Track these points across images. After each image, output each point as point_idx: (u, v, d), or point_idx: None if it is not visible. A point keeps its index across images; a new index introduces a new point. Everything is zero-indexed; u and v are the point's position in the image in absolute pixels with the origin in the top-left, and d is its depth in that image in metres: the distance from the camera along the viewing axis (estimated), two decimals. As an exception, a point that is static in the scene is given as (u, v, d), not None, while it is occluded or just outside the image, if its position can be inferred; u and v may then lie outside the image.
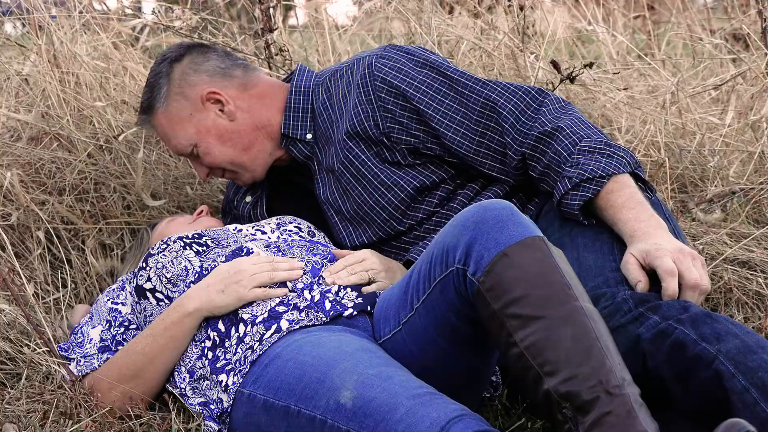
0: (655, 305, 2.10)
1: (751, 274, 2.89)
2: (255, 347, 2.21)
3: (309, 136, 2.68)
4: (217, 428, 2.22)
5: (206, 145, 2.68)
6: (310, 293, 2.32)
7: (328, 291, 2.33)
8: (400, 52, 2.62)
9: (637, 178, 2.38)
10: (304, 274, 2.38)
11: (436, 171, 2.58)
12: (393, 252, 2.63)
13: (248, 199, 2.84)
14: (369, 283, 2.40)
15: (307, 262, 2.42)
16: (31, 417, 2.37)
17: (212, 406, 2.25)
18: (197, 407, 2.28)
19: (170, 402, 2.36)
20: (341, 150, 2.60)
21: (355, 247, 2.63)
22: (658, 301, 2.11)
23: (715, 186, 3.22)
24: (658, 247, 2.17)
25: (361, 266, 2.41)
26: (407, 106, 2.55)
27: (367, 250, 2.49)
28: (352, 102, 2.60)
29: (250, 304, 2.31)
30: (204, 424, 2.24)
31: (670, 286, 2.13)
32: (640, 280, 2.17)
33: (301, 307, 2.28)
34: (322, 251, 2.49)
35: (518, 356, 1.93)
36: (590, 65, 3.11)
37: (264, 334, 2.23)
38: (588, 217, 2.37)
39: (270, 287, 2.33)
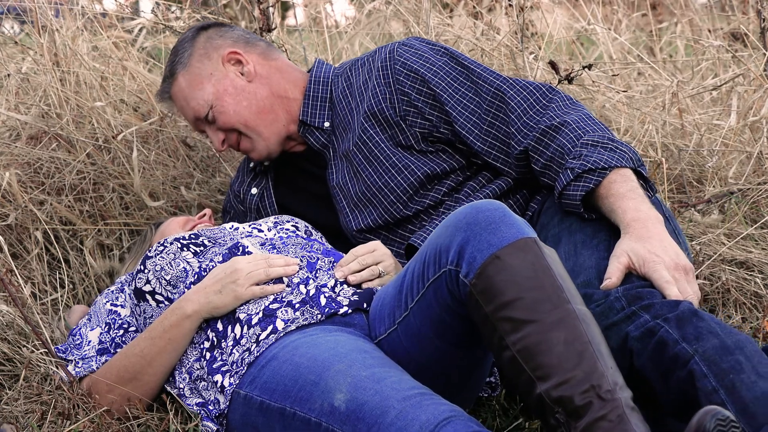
0: (648, 304, 2.10)
1: (749, 275, 2.89)
2: (252, 349, 2.21)
3: (326, 124, 2.72)
4: (215, 428, 2.23)
5: (221, 104, 2.72)
6: (305, 287, 2.33)
7: (324, 286, 2.33)
8: (422, 42, 2.68)
9: (639, 176, 2.38)
10: (300, 269, 2.38)
11: (448, 160, 2.61)
12: (397, 240, 2.64)
13: (254, 191, 2.87)
14: (378, 277, 2.40)
15: (302, 257, 2.42)
16: (29, 418, 2.37)
17: (210, 407, 2.25)
18: (195, 408, 2.28)
19: (168, 403, 2.36)
20: (357, 131, 2.64)
21: (359, 231, 2.66)
22: (651, 300, 2.11)
23: (713, 186, 3.22)
24: (655, 259, 2.17)
25: (372, 257, 2.41)
26: (423, 90, 2.60)
27: (376, 241, 2.49)
28: (372, 85, 2.65)
29: (246, 302, 2.31)
30: (202, 425, 2.24)
31: (672, 295, 2.13)
32: (611, 279, 2.17)
33: (296, 305, 2.28)
34: (318, 248, 2.49)
35: (510, 359, 1.93)
36: (589, 67, 3.11)
37: (260, 335, 2.23)
38: (588, 211, 2.38)
39: (267, 284, 2.34)
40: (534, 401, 1.90)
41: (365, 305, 2.30)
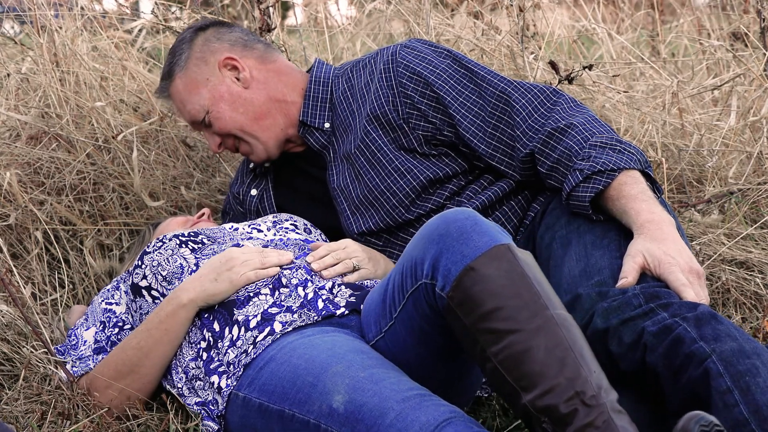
0: (666, 303, 2.10)
1: (749, 275, 2.89)
2: (249, 350, 2.21)
3: (327, 125, 2.72)
4: (216, 428, 2.23)
5: (218, 110, 2.71)
6: (303, 290, 2.33)
7: (322, 288, 2.33)
8: (424, 45, 2.68)
9: (647, 178, 2.39)
10: (299, 268, 2.37)
11: (450, 164, 2.61)
12: (399, 244, 2.65)
13: (253, 192, 2.87)
14: (353, 271, 2.40)
15: (304, 266, 2.42)
16: (29, 418, 2.37)
17: (211, 407, 2.25)
18: (195, 407, 2.28)
19: (168, 402, 2.36)
20: (360, 134, 2.64)
21: (360, 234, 2.66)
22: (669, 299, 2.12)
23: (713, 186, 3.21)
24: (671, 261, 2.17)
25: (345, 252, 2.42)
26: (427, 92, 2.60)
27: (347, 239, 2.51)
28: (374, 88, 2.64)
29: (244, 304, 2.31)
30: (203, 424, 2.24)
31: (689, 297, 2.13)
32: (627, 278, 2.17)
33: (294, 309, 2.28)
34: (317, 252, 2.49)
35: (493, 370, 1.92)
36: (589, 67, 3.11)
37: (257, 337, 2.23)
38: (596, 212, 2.37)
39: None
40: (520, 411, 1.90)
41: (362, 306, 2.30)
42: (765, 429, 1.91)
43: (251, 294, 2.33)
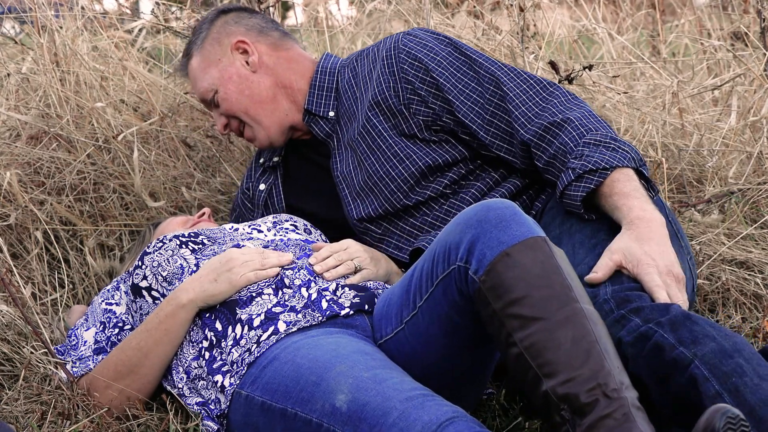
0: (637, 307, 2.10)
1: (749, 275, 2.89)
2: (252, 349, 2.21)
3: (331, 113, 2.75)
4: (216, 428, 2.23)
5: (225, 91, 2.77)
6: (307, 291, 2.33)
7: (326, 289, 2.33)
8: (426, 33, 2.71)
9: (641, 176, 2.38)
10: (301, 269, 2.38)
11: (450, 151, 2.62)
12: (397, 233, 2.65)
13: (262, 187, 2.89)
14: (355, 272, 2.41)
15: (305, 267, 2.42)
16: (29, 418, 2.37)
17: (212, 406, 2.25)
18: (195, 407, 2.28)
19: (168, 402, 2.36)
20: (362, 120, 2.66)
21: (359, 220, 2.67)
22: (639, 303, 2.11)
23: (713, 186, 3.22)
24: (649, 262, 2.17)
25: (346, 254, 2.43)
26: (426, 79, 2.62)
27: (349, 239, 2.51)
28: (376, 74, 2.67)
29: (247, 304, 2.31)
30: (203, 424, 2.24)
31: (661, 298, 2.13)
32: (597, 273, 2.17)
33: (298, 308, 2.28)
34: (317, 250, 2.50)
35: (517, 356, 1.94)
36: (590, 67, 3.12)
37: (261, 336, 2.23)
38: (589, 212, 2.37)
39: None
40: (540, 398, 1.91)
41: (367, 307, 2.30)
42: (761, 429, 1.90)
43: (254, 294, 2.33)
